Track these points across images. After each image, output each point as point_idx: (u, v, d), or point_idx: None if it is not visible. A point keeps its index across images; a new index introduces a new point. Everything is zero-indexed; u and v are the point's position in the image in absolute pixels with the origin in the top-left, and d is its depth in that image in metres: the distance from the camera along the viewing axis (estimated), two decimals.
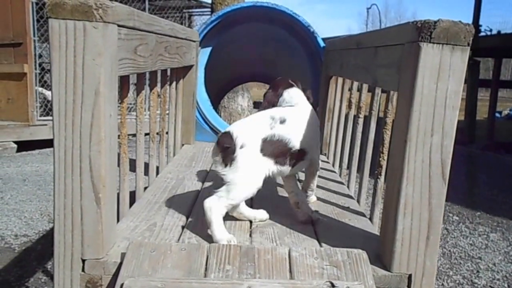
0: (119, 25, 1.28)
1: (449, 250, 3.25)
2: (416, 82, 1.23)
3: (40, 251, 2.99)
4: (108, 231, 1.36)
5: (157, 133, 2.26)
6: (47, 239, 3.19)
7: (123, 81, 1.55)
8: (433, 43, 1.20)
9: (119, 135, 1.55)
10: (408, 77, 1.27)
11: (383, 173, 1.85)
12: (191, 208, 1.84)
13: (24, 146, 6.02)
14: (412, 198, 1.28)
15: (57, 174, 1.26)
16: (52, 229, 3.30)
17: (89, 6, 1.16)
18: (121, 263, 1.33)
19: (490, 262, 3.08)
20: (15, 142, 5.96)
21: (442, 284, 2.74)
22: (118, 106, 1.40)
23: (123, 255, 1.34)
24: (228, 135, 1.51)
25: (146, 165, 2.08)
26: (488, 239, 3.53)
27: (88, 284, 1.35)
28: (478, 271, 2.94)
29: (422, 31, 1.20)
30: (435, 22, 1.20)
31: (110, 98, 1.26)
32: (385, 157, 1.84)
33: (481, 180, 5.24)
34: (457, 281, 2.80)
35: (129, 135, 1.72)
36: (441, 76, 1.23)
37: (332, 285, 1.19)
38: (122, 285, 1.21)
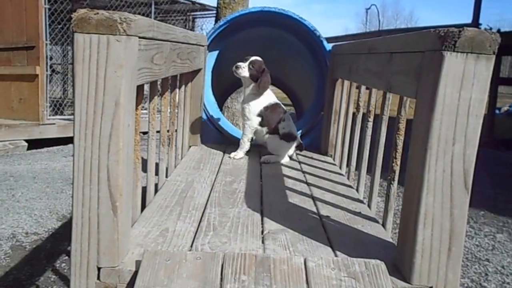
0: (139, 37, 1.29)
1: None
2: (437, 91, 1.21)
3: (50, 250, 3.01)
4: (124, 239, 1.36)
5: (167, 131, 2.25)
6: (56, 237, 3.22)
7: (138, 89, 1.54)
8: (457, 52, 1.19)
9: None
10: (428, 86, 1.26)
11: (396, 179, 1.84)
12: (202, 212, 1.83)
13: (34, 144, 6.16)
14: (433, 208, 1.26)
15: (75, 183, 1.25)
16: (61, 228, 3.33)
17: (114, 20, 1.16)
18: (136, 272, 1.32)
19: (499, 265, 3.04)
20: (26, 141, 6.12)
21: None
22: None
23: (138, 263, 1.34)
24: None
25: (156, 166, 2.08)
26: (495, 240, 3.49)
27: None
28: (486, 274, 2.90)
29: (446, 40, 1.19)
30: (460, 31, 1.18)
31: (129, 108, 1.25)
32: (398, 162, 1.83)
33: (482, 177, 5.18)
34: (466, 285, 2.76)
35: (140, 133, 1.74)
36: (465, 84, 1.21)
37: None
38: None
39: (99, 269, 1.32)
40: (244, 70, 2.64)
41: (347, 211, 1.95)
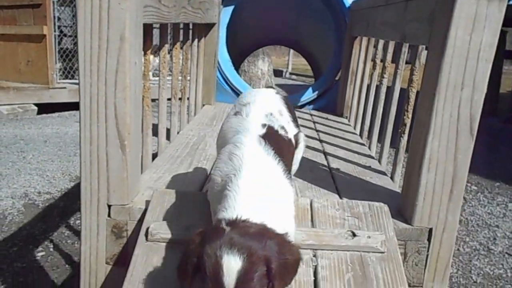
0: None
1: (466, 218, 3.23)
2: (449, 34, 1.19)
3: (63, 208, 3.03)
4: (133, 179, 1.39)
5: (180, 91, 2.26)
6: (69, 196, 3.23)
7: (146, 31, 1.54)
8: None
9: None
10: (441, 29, 1.23)
11: (406, 132, 1.83)
12: (213, 162, 1.85)
13: (44, 108, 5.95)
14: (438, 152, 1.26)
15: (82, 121, 1.27)
16: (74, 188, 3.37)
17: None
18: (145, 210, 1.35)
19: (508, 230, 3.06)
20: (36, 105, 5.92)
21: (458, 250, 2.74)
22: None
23: (147, 203, 1.37)
24: None
25: (167, 131, 2.09)
26: (507, 208, 3.48)
27: (114, 229, 1.38)
28: (495, 238, 2.93)
29: None
30: None
31: (135, 45, 1.25)
32: (410, 115, 1.81)
33: (502, 152, 5.08)
34: (473, 247, 2.80)
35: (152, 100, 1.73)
36: (476, 27, 1.18)
37: (353, 234, 1.20)
38: (147, 229, 1.24)
39: (109, 206, 1.36)
40: None
41: (358, 165, 1.96)
